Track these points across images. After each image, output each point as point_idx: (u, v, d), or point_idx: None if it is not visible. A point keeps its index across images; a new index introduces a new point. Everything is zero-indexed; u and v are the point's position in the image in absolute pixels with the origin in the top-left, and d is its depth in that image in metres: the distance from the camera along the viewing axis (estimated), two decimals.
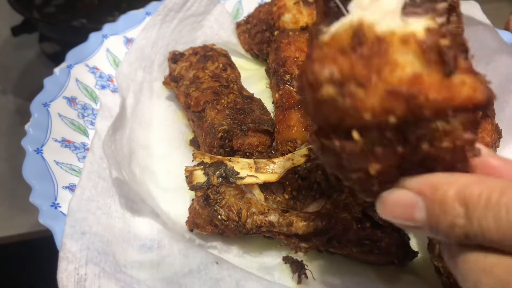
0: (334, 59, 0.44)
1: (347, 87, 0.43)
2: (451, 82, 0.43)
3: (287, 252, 0.82)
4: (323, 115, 0.46)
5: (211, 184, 0.79)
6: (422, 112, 0.43)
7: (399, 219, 0.50)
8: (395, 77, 0.43)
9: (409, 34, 0.43)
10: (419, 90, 0.43)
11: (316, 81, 0.44)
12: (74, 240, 0.74)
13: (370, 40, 0.43)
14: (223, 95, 0.95)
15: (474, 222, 0.44)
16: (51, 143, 0.89)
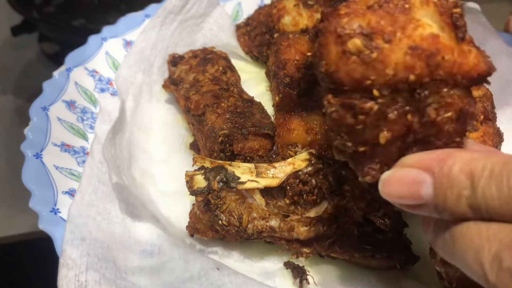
0: (363, 14, 0.47)
1: (375, 40, 0.47)
2: (461, 48, 0.48)
3: (288, 257, 0.82)
4: (347, 71, 0.48)
5: (212, 189, 0.79)
6: (438, 71, 0.48)
7: (404, 198, 0.51)
8: (417, 34, 0.47)
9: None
10: (437, 49, 0.47)
11: (345, 34, 0.47)
12: (74, 246, 0.73)
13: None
14: (223, 99, 0.94)
15: (479, 192, 0.46)
16: (51, 148, 0.89)
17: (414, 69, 0.47)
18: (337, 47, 0.48)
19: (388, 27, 0.47)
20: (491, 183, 0.46)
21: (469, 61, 0.48)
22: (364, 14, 0.47)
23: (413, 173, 0.51)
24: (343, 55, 0.47)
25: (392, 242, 0.79)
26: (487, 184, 0.46)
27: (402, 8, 0.47)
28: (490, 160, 0.47)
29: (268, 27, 1.12)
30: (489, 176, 0.46)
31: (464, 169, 0.48)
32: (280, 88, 0.97)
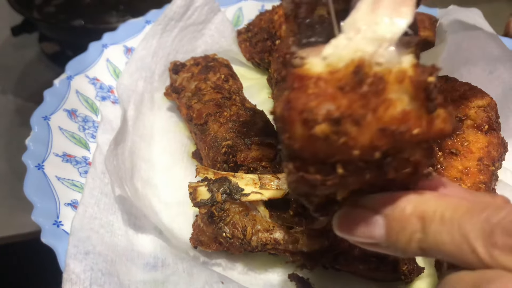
0: (333, 97, 0.43)
1: (343, 125, 0.43)
2: (431, 117, 0.45)
3: (292, 269, 0.81)
4: (311, 151, 0.46)
5: (215, 201, 0.78)
6: (405, 145, 0.46)
7: (358, 237, 0.52)
8: (388, 115, 0.44)
9: (403, 72, 0.44)
10: (406, 127, 0.44)
11: (312, 119, 0.44)
12: (77, 261, 0.73)
13: (370, 79, 0.43)
14: (225, 107, 0.94)
15: (430, 236, 0.47)
16: (52, 158, 0.88)
17: (381, 147, 0.45)
18: (303, 130, 0.44)
19: (359, 110, 0.43)
20: (442, 229, 0.46)
21: (436, 128, 0.46)
22: (335, 97, 0.44)
23: (367, 215, 0.51)
24: (309, 138, 0.45)
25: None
26: (438, 230, 0.46)
27: (376, 90, 0.44)
28: (441, 204, 0.47)
29: (269, 33, 1.11)
30: (440, 220, 0.47)
31: (415, 211, 0.48)
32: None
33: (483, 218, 0.45)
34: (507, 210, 0.45)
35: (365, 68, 0.44)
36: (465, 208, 0.46)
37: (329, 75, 0.44)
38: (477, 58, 1.05)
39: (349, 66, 0.44)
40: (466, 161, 0.82)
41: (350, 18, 0.46)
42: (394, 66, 0.44)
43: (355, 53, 0.44)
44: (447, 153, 0.84)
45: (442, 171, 0.83)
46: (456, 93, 0.91)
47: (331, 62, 0.45)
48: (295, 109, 0.44)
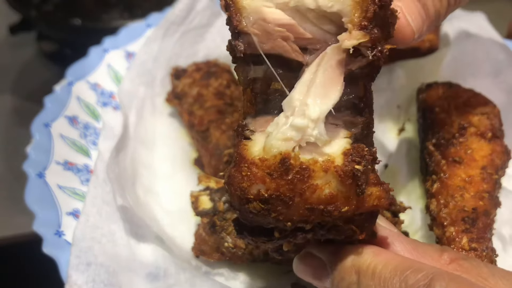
0: (263, 180, 0.50)
1: (273, 204, 0.50)
2: (361, 197, 0.51)
3: (295, 279, 0.81)
4: (249, 219, 0.53)
5: (217, 210, 0.78)
6: (336, 221, 0.52)
7: (311, 280, 0.60)
8: (314, 197, 0.50)
9: (329, 161, 0.50)
10: (334, 207, 0.50)
11: (244, 197, 0.50)
12: (79, 272, 0.73)
13: (295, 168, 0.49)
14: (227, 114, 0.94)
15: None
16: (54, 166, 0.87)
17: (312, 221, 0.51)
18: (240, 202, 0.51)
19: (286, 192, 0.50)
20: (372, 283, 0.52)
21: (369, 204, 0.52)
22: (264, 181, 0.50)
23: (317, 263, 0.58)
24: (244, 210, 0.52)
25: None
26: (369, 284, 0.52)
27: (301, 177, 0.49)
28: (374, 259, 0.53)
29: None
30: (371, 275, 0.52)
31: (353, 265, 0.54)
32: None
33: (402, 279, 0.49)
34: (422, 274, 0.49)
35: (291, 159, 0.49)
36: (393, 265, 0.51)
37: (260, 162, 0.50)
38: (481, 62, 1.05)
39: (276, 156, 0.50)
40: (470, 169, 0.82)
41: (288, 97, 0.51)
42: (320, 155, 0.50)
43: (283, 143, 0.50)
44: (450, 161, 0.83)
45: (445, 180, 0.82)
46: (460, 100, 0.91)
47: (266, 147, 0.51)
48: (233, 186, 0.51)
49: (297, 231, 0.53)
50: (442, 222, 0.78)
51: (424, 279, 0.48)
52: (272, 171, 0.50)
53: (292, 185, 0.50)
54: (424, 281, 0.48)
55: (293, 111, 0.50)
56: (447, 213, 0.78)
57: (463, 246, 0.74)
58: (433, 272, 0.49)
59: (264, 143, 0.51)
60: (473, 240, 0.74)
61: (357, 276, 0.53)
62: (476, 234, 0.75)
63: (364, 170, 0.50)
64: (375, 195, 0.52)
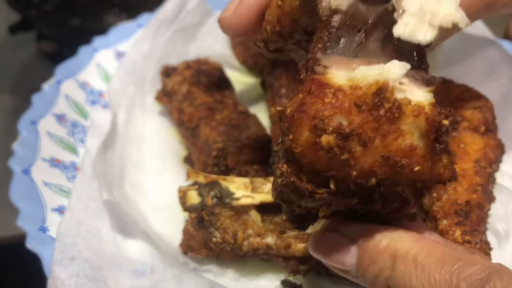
0: (348, 111, 0.44)
1: (350, 142, 0.44)
2: (436, 159, 0.45)
3: (285, 275, 0.80)
4: (311, 158, 0.46)
5: (206, 205, 0.77)
6: (401, 179, 0.46)
7: (330, 261, 0.53)
8: (395, 144, 0.44)
9: (421, 106, 0.44)
10: (409, 161, 0.44)
11: (321, 128, 0.44)
12: (63, 267, 0.71)
13: (388, 104, 0.44)
14: (217, 111, 0.92)
15: (398, 276, 0.47)
16: (40, 163, 0.86)
17: (379, 175, 0.45)
18: (310, 135, 0.45)
19: (369, 132, 0.44)
20: (412, 272, 0.46)
21: (436, 171, 0.46)
22: (350, 113, 0.44)
23: (341, 241, 0.51)
24: (313, 145, 0.45)
25: None
26: (408, 272, 0.46)
27: (391, 117, 0.44)
28: (415, 246, 0.47)
29: None
30: (411, 262, 0.46)
31: (388, 248, 0.48)
32: (276, 99, 0.95)
33: (452, 270, 0.44)
34: (478, 267, 0.44)
35: (387, 93, 0.44)
36: (439, 255, 0.46)
37: (350, 90, 0.44)
38: (475, 60, 1.04)
39: (372, 86, 0.44)
40: (463, 162, 0.80)
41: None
42: (414, 98, 0.44)
43: (380, 75, 0.44)
44: None
45: None
46: (453, 95, 0.89)
47: (355, 77, 0.45)
48: (308, 114, 0.45)
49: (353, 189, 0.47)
50: (435, 215, 0.76)
51: (481, 273, 0.43)
52: (362, 103, 0.44)
53: (378, 124, 0.43)
54: (480, 275, 0.43)
55: None
56: (440, 206, 0.76)
57: (456, 238, 0.72)
58: (490, 267, 0.44)
59: (354, 74, 0.45)
60: (466, 233, 0.72)
61: (392, 261, 0.48)
62: (470, 226, 0.73)
63: (448, 128, 0.45)
64: (444, 163, 0.46)
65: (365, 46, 0.50)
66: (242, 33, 0.69)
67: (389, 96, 0.44)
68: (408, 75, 0.46)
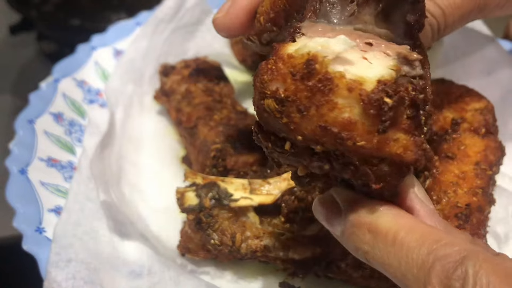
0: (284, 78, 0.47)
1: (287, 108, 0.47)
2: (383, 137, 0.46)
3: (283, 278, 0.79)
4: (263, 120, 0.50)
5: (204, 206, 0.76)
6: (348, 153, 0.47)
7: (322, 220, 0.55)
8: (330, 116, 0.45)
9: (357, 82, 0.45)
10: (349, 134, 0.45)
11: (262, 91, 0.48)
12: (59, 269, 0.70)
13: (319, 75, 0.46)
14: (216, 111, 0.92)
15: (377, 253, 0.47)
16: (37, 163, 0.85)
17: (323, 143, 0.47)
18: (258, 97, 0.49)
19: (304, 100, 0.46)
20: (390, 249, 0.46)
21: (391, 149, 0.46)
22: (285, 79, 0.47)
23: (333, 205, 0.53)
24: (260, 106, 0.49)
25: None
26: (387, 250, 0.47)
27: (322, 88, 0.45)
28: (396, 223, 0.47)
29: None
30: (391, 241, 0.46)
31: (368, 223, 0.49)
32: None
33: (430, 251, 0.44)
34: (455, 250, 0.44)
35: (317, 64, 0.46)
36: (419, 234, 0.46)
37: (287, 58, 0.47)
38: (475, 60, 1.03)
39: (304, 56, 0.46)
40: (463, 165, 0.80)
41: None
42: (349, 72, 0.46)
43: (320, 47, 0.47)
44: (443, 157, 0.81)
45: (438, 176, 0.80)
46: (453, 96, 0.89)
47: (300, 47, 0.47)
48: (258, 77, 0.49)
49: (308, 152, 0.49)
50: None
51: (456, 255, 0.43)
52: (296, 72, 0.46)
53: (311, 93, 0.46)
54: (455, 257, 0.43)
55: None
56: (440, 209, 0.76)
57: None
58: (467, 249, 0.43)
59: (300, 44, 0.48)
60: None
61: (372, 237, 0.48)
62: (470, 230, 0.72)
63: (393, 106, 0.45)
64: (402, 143, 0.46)
65: (358, 17, 0.51)
66: (235, 33, 0.72)
67: (319, 68, 0.46)
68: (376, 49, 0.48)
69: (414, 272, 0.44)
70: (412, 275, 0.44)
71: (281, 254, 0.76)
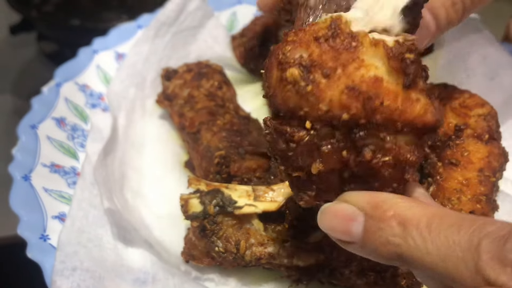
0: (307, 44, 0.48)
1: (313, 73, 0.47)
2: (408, 95, 0.47)
3: (287, 284, 0.79)
4: (283, 96, 0.49)
5: (208, 213, 0.76)
6: (375, 115, 0.47)
7: (335, 231, 0.52)
8: (358, 75, 0.46)
9: (379, 39, 0.47)
10: (377, 93, 0.46)
11: (285, 61, 0.48)
12: (64, 277, 0.70)
13: (343, 34, 0.47)
14: (219, 116, 0.92)
15: (411, 243, 0.45)
16: (40, 169, 0.85)
17: (349, 109, 0.47)
18: (277, 73, 0.49)
19: (330, 62, 0.47)
20: (426, 236, 0.45)
21: (414, 110, 0.47)
22: (308, 45, 0.48)
23: (348, 208, 0.51)
24: (281, 82, 0.48)
25: (395, 268, 0.77)
26: (421, 237, 0.45)
27: (348, 46, 0.47)
28: (426, 212, 0.46)
29: (264, 38, 1.09)
30: (425, 228, 0.45)
31: (397, 215, 0.47)
32: None
33: (472, 231, 0.43)
34: (497, 226, 0.43)
35: (341, 24, 0.48)
36: (453, 219, 0.45)
37: (308, 27, 0.48)
38: (477, 64, 1.03)
39: (327, 20, 0.48)
40: (466, 172, 0.80)
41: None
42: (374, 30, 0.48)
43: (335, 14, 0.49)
44: (446, 163, 0.82)
45: (442, 182, 0.80)
46: (456, 101, 0.89)
47: (315, 23, 0.49)
48: (275, 55, 0.49)
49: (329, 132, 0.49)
50: None
51: (500, 231, 0.42)
52: (319, 36, 0.47)
53: (336, 53, 0.47)
54: (500, 232, 0.42)
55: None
56: None
57: None
58: (506, 224, 0.42)
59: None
60: None
61: (402, 229, 0.46)
62: None
63: (414, 60, 0.47)
64: (423, 104, 0.48)
65: None
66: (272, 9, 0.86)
67: (344, 28, 0.47)
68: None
69: (460, 255, 0.43)
70: (457, 258, 0.43)
71: (285, 261, 0.76)
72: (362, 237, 0.49)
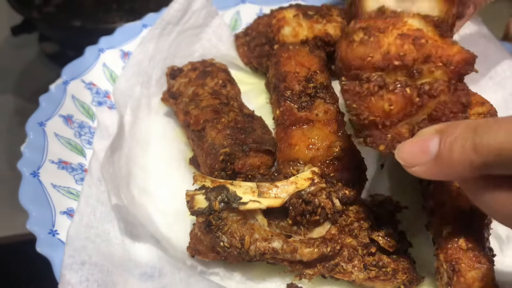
0: (364, 20, 0.70)
1: (372, 31, 0.68)
2: (445, 40, 0.68)
3: (291, 279, 0.81)
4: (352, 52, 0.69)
5: (213, 209, 0.77)
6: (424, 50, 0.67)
7: (414, 154, 0.60)
8: (405, 28, 0.68)
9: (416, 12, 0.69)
10: (421, 35, 0.67)
11: (351, 32, 0.70)
12: (73, 271, 0.72)
13: (388, 12, 0.69)
14: (223, 113, 0.93)
15: (484, 138, 0.53)
16: (48, 165, 0.87)
17: (403, 48, 0.67)
18: (346, 41, 0.70)
19: (383, 24, 0.68)
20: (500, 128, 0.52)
21: (452, 49, 0.67)
22: (365, 21, 0.70)
23: (424, 135, 0.61)
24: (349, 44, 0.70)
25: (397, 263, 0.78)
26: (495, 129, 0.52)
27: (393, 15, 0.69)
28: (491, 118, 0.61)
29: (267, 37, 1.10)
30: (495, 123, 0.53)
31: (468, 125, 0.56)
32: (281, 101, 0.95)
33: None
34: None
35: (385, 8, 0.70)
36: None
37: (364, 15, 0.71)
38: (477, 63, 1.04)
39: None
40: None
41: None
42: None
43: None
44: None
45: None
46: None
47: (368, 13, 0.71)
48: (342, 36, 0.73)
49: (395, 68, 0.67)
50: (439, 222, 0.77)
51: None
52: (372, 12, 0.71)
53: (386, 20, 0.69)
54: None
55: None
56: (444, 213, 0.77)
57: (460, 245, 0.73)
58: None
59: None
60: (470, 240, 0.73)
61: (473, 131, 0.54)
62: (473, 233, 0.74)
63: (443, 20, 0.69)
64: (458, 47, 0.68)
65: None
66: None
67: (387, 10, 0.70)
68: None
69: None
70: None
71: (289, 256, 0.77)
72: (439, 152, 0.58)
